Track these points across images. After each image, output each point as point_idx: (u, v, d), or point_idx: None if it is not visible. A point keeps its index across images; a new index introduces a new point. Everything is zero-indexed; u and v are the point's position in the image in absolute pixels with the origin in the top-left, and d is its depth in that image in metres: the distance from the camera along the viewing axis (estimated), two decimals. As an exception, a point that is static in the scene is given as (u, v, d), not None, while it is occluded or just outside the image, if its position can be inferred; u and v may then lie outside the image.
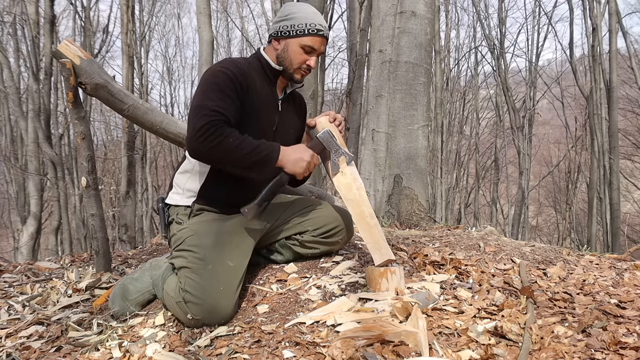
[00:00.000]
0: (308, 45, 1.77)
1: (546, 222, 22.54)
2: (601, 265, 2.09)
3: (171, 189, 1.88)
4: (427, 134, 3.48)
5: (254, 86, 1.75)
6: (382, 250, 1.69)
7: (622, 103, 14.14)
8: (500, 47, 13.96)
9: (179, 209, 1.82)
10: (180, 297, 1.58)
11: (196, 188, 1.80)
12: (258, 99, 1.76)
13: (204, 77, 1.71)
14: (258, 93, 1.77)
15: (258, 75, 1.79)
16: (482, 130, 18.07)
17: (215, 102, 1.61)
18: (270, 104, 1.83)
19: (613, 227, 9.61)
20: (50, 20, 8.61)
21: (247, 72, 1.74)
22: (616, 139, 9.80)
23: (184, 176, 1.83)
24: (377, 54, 3.45)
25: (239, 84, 1.69)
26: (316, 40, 1.77)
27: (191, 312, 1.56)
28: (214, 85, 1.65)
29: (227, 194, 1.81)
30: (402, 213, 3.24)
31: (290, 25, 1.76)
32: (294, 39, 1.77)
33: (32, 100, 8.70)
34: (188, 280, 1.60)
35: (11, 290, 2.25)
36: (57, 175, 9.05)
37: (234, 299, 1.62)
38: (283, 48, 1.79)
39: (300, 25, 1.75)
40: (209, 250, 1.66)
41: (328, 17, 9.95)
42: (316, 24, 1.76)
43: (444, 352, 1.32)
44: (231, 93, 1.66)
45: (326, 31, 1.80)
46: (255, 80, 1.76)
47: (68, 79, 2.20)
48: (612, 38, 9.63)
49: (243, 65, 1.75)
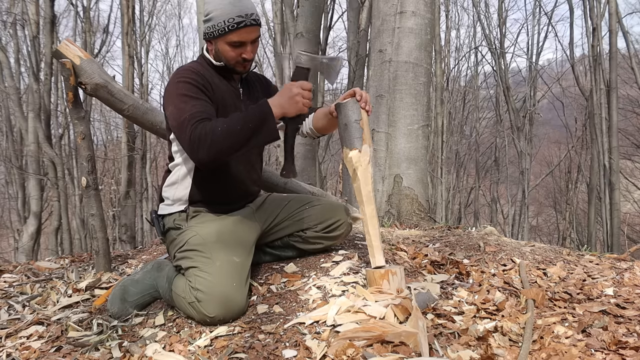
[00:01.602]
0: (234, 41, 1.70)
1: (546, 222, 22.52)
2: (601, 265, 2.09)
3: (162, 202, 1.89)
4: (427, 134, 3.48)
5: (214, 84, 1.76)
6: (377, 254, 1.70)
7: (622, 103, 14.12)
8: (501, 47, 13.96)
9: (174, 215, 1.82)
10: (193, 296, 1.58)
11: (185, 195, 1.81)
12: (221, 96, 1.77)
13: (168, 93, 1.70)
14: (220, 89, 1.77)
15: (213, 74, 1.79)
16: (482, 130, 18.05)
17: (189, 110, 1.61)
18: (232, 96, 1.83)
19: (613, 227, 9.61)
20: (50, 20, 8.61)
21: (203, 74, 1.73)
22: (616, 139, 9.80)
23: (172, 188, 1.84)
24: (377, 54, 3.45)
25: (202, 86, 1.69)
26: (241, 33, 1.69)
27: (206, 311, 1.55)
28: (182, 97, 1.65)
29: (216, 194, 1.83)
30: (402, 213, 3.24)
31: (211, 27, 1.71)
32: (220, 39, 1.72)
33: (32, 100, 8.70)
34: (198, 279, 1.60)
35: (11, 290, 2.24)
36: (57, 175, 9.05)
37: (245, 293, 1.64)
38: (215, 48, 1.76)
39: (219, 24, 1.68)
40: (213, 249, 1.67)
41: (328, 17, 9.95)
42: (234, 17, 1.66)
43: (444, 352, 1.32)
44: (200, 95, 1.67)
45: (248, 19, 1.68)
46: (213, 79, 1.77)
47: (68, 79, 2.20)
48: (612, 38, 9.63)
49: (197, 68, 1.74)
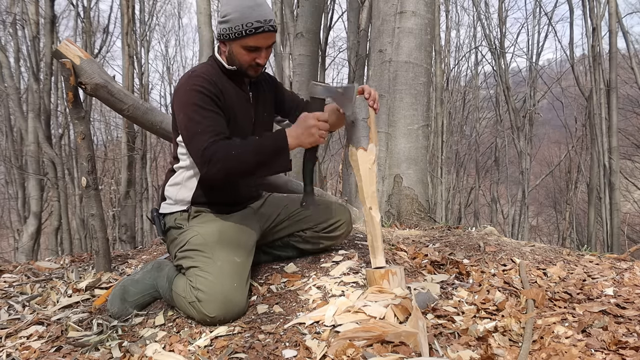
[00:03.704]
0: (250, 46, 1.68)
1: (546, 222, 22.53)
2: (601, 265, 2.09)
3: (164, 200, 1.88)
4: (427, 134, 3.48)
5: (225, 91, 1.74)
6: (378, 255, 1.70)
7: (622, 103, 14.12)
8: (501, 47, 13.96)
9: (175, 214, 1.82)
10: (193, 296, 1.59)
11: (189, 197, 1.81)
12: (232, 102, 1.76)
13: (180, 100, 1.68)
14: (230, 96, 1.76)
15: (223, 79, 1.77)
16: (482, 130, 18.05)
17: (202, 124, 1.61)
18: (243, 101, 1.82)
19: (613, 227, 9.60)
20: (50, 20, 8.61)
21: (215, 81, 1.71)
22: (616, 139, 9.79)
23: (175, 188, 1.84)
24: (377, 54, 3.45)
25: (215, 96, 1.68)
26: (258, 39, 1.67)
27: (206, 310, 1.56)
28: (194, 107, 1.64)
29: (221, 196, 1.82)
30: (402, 213, 3.24)
31: (228, 28, 1.67)
32: (236, 42, 1.69)
33: (32, 100, 8.70)
34: (199, 279, 1.60)
35: (11, 290, 2.24)
36: (57, 175, 9.05)
37: (245, 294, 1.64)
38: (229, 50, 1.74)
39: (237, 27, 1.65)
40: (215, 249, 1.67)
41: (328, 17, 9.94)
42: (253, 22, 1.64)
43: (444, 352, 1.32)
44: (212, 107, 1.66)
45: (267, 25, 1.65)
46: (224, 85, 1.75)
47: (68, 79, 2.20)
48: (612, 38, 9.63)
49: (209, 75, 1.71)
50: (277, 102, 2.00)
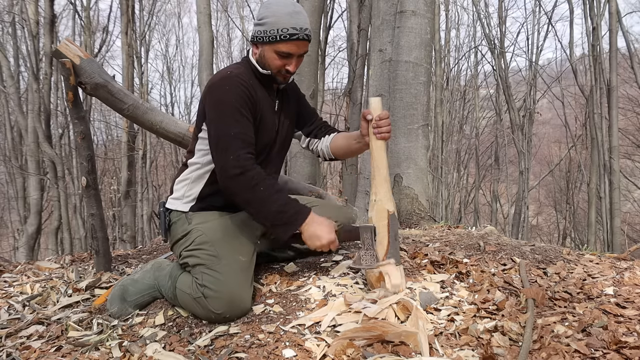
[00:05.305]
0: (283, 52, 1.68)
1: (546, 222, 22.52)
2: (601, 265, 2.09)
3: (172, 194, 1.89)
4: (427, 134, 3.48)
5: (257, 97, 1.74)
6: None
7: (622, 102, 14.12)
8: (500, 47, 13.95)
9: (180, 211, 1.82)
10: (200, 292, 1.60)
11: (196, 194, 1.82)
12: (261, 109, 1.76)
13: (214, 98, 1.67)
14: (260, 103, 1.76)
15: (256, 83, 1.76)
16: (482, 130, 18.05)
17: (234, 127, 1.62)
18: (270, 108, 1.82)
19: (613, 227, 9.59)
20: (50, 20, 8.60)
21: (250, 84, 1.71)
22: (616, 139, 9.78)
23: (184, 184, 1.85)
24: (377, 53, 3.45)
25: (249, 99, 1.68)
26: (291, 46, 1.68)
27: (212, 307, 1.57)
28: (229, 107, 1.64)
29: (224, 198, 1.82)
30: (402, 212, 3.24)
31: (263, 31, 1.67)
32: (269, 46, 1.69)
33: (32, 100, 8.69)
34: (205, 276, 1.62)
35: (11, 290, 2.24)
36: (57, 175, 9.05)
37: (250, 292, 1.66)
38: (260, 53, 1.74)
39: (272, 32, 1.65)
40: (220, 247, 1.69)
41: (328, 17, 9.94)
42: (289, 28, 1.64)
43: (444, 352, 1.32)
44: (246, 112, 1.67)
45: (302, 33, 1.67)
46: (256, 90, 1.74)
47: (68, 78, 2.20)
48: (612, 37, 9.61)
49: (245, 77, 1.71)
50: (298, 115, 2.01)
